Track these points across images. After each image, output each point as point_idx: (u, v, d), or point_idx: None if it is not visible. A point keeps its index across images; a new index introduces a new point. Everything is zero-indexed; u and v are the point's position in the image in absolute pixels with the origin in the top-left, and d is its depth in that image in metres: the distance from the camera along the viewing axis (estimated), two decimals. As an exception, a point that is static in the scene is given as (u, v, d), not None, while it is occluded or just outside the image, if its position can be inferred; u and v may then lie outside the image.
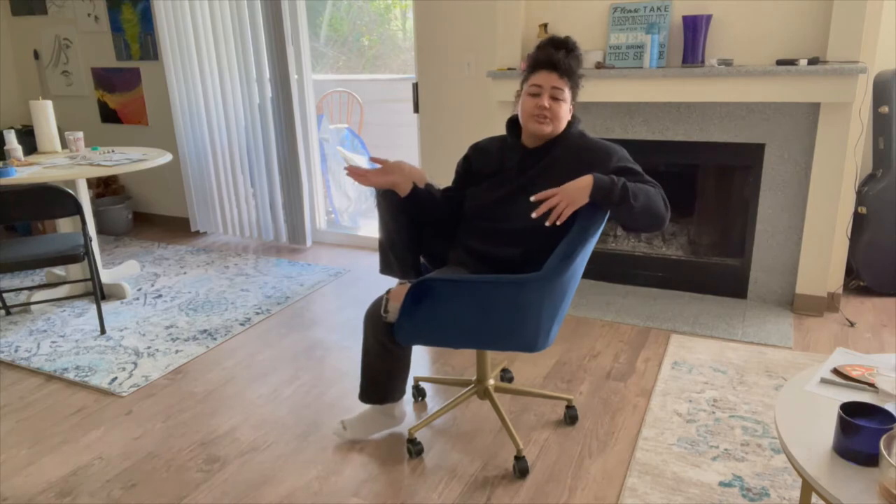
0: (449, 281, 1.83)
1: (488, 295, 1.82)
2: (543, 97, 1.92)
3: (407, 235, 2.08)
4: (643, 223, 1.86)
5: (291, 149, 4.14)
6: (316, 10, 6.41)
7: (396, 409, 2.22)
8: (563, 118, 1.96)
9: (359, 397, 2.17)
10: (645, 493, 1.91)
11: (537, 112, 1.93)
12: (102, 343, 3.01)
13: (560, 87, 1.92)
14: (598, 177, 1.82)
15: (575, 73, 1.95)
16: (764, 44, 2.95)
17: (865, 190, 3.19)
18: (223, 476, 2.07)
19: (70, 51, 4.83)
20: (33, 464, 2.16)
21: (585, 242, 1.86)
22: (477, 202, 2.05)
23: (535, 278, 1.80)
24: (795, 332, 2.93)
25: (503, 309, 1.83)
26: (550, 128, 1.95)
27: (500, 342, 1.90)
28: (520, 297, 1.81)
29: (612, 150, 1.96)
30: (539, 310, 1.83)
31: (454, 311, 1.86)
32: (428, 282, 1.84)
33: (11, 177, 3.04)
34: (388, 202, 2.07)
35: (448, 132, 3.77)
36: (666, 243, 3.52)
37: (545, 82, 1.92)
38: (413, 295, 1.85)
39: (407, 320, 1.89)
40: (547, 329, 1.90)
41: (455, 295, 1.84)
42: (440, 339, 1.92)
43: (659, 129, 3.23)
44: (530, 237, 1.96)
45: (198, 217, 4.66)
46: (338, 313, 3.30)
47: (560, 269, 1.82)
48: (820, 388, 1.55)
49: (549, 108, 1.92)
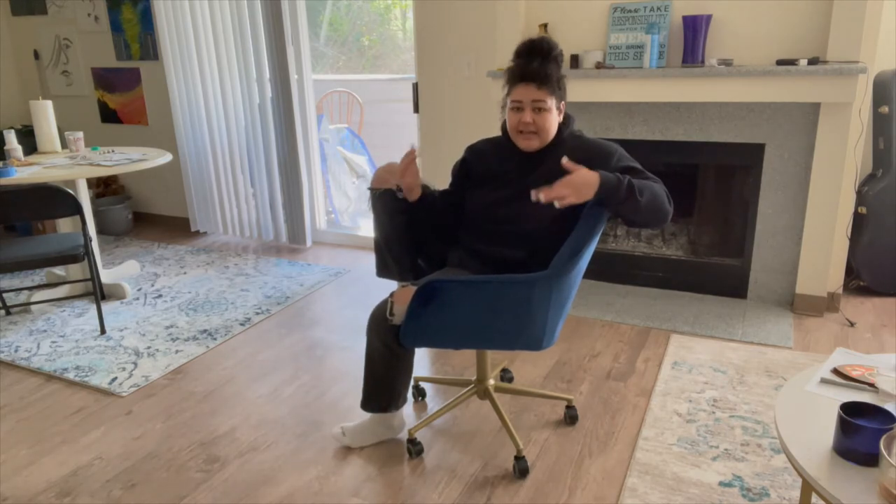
0: (458, 282, 1.82)
1: (497, 295, 1.82)
2: (526, 112, 1.91)
3: (404, 237, 2.08)
4: (648, 219, 1.84)
5: (291, 149, 4.14)
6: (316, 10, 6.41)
7: (396, 420, 2.20)
8: (551, 128, 1.94)
9: (361, 406, 2.14)
10: (645, 493, 1.91)
11: (522, 128, 1.92)
12: (102, 343, 3.01)
13: (541, 99, 1.89)
14: (604, 175, 1.79)
15: (554, 78, 1.91)
16: (764, 44, 2.95)
17: (865, 190, 3.19)
18: (223, 476, 2.07)
19: (70, 51, 4.83)
20: (33, 464, 2.16)
21: (592, 239, 1.87)
22: (480, 205, 2.05)
23: (545, 277, 1.80)
24: (795, 332, 2.93)
25: (512, 308, 1.83)
26: (538, 142, 1.94)
27: (507, 342, 1.89)
28: (529, 295, 1.81)
29: (612, 149, 1.95)
30: (546, 308, 1.84)
31: (462, 312, 1.85)
32: (436, 283, 1.82)
33: (11, 177, 3.04)
34: (384, 204, 2.06)
35: (448, 132, 3.77)
36: (666, 243, 3.52)
37: (525, 97, 1.90)
38: (420, 297, 1.84)
39: (414, 322, 1.88)
40: (553, 327, 1.91)
41: (464, 296, 1.83)
42: (447, 340, 1.92)
43: (659, 129, 3.23)
44: (537, 238, 1.96)
45: (198, 217, 4.66)
46: (338, 313, 3.30)
47: (568, 266, 1.83)
48: (820, 388, 1.55)
49: (534, 122, 1.91)
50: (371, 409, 2.13)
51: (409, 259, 2.10)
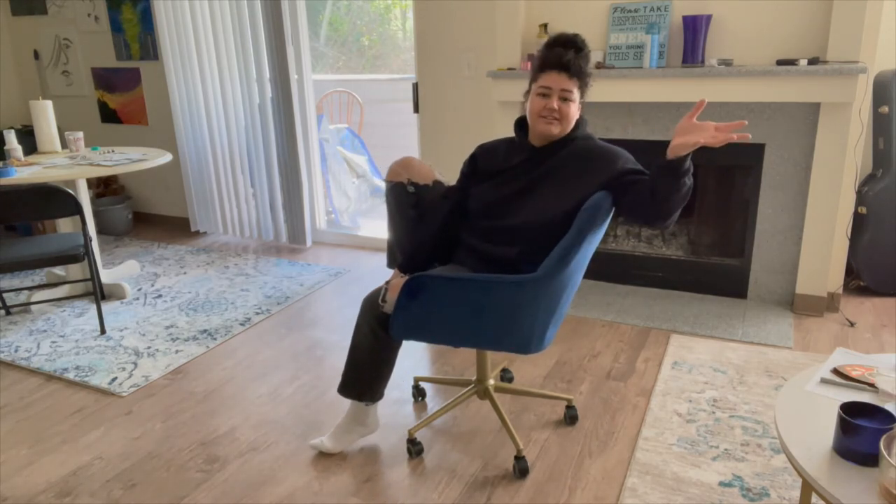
0: (442, 278, 1.84)
1: (481, 294, 1.82)
2: (553, 99, 1.91)
3: (415, 231, 2.08)
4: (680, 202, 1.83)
5: (291, 149, 4.14)
6: (316, 10, 6.41)
7: (370, 417, 2.18)
8: (572, 119, 1.95)
9: (338, 390, 2.12)
10: (645, 493, 1.91)
11: (546, 113, 1.92)
12: (102, 343, 3.01)
13: (569, 89, 1.91)
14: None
15: (585, 73, 1.93)
16: (764, 44, 2.95)
17: (865, 190, 3.19)
18: (223, 476, 2.07)
19: (70, 51, 4.83)
20: (33, 464, 2.16)
21: (581, 244, 1.84)
22: (480, 201, 2.05)
23: (530, 279, 1.80)
24: (795, 332, 2.93)
25: (496, 309, 1.83)
26: (559, 128, 1.94)
27: (492, 342, 1.90)
28: (513, 297, 1.81)
29: (618, 154, 1.95)
30: (533, 311, 1.83)
31: (447, 308, 1.86)
32: (422, 277, 1.85)
33: (11, 177, 3.04)
34: (395, 197, 2.08)
35: (448, 132, 3.77)
36: (666, 243, 3.52)
37: (555, 84, 1.91)
38: (407, 289, 1.86)
39: (402, 314, 1.90)
40: (541, 332, 1.89)
41: (448, 292, 1.84)
42: (434, 335, 1.93)
43: (659, 129, 3.23)
44: (528, 236, 1.95)
45: (198, 217, 4.66)
46: (338, 313, 3.30)
47: (555, 270, 1.80)
48: (820, 388, 1.55)
49: (559, 110, 1.91)
50: (347, 395, 2.10)
51: (421, 254, 2.11)
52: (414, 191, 2.06)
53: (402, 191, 2.06)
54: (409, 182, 2.05)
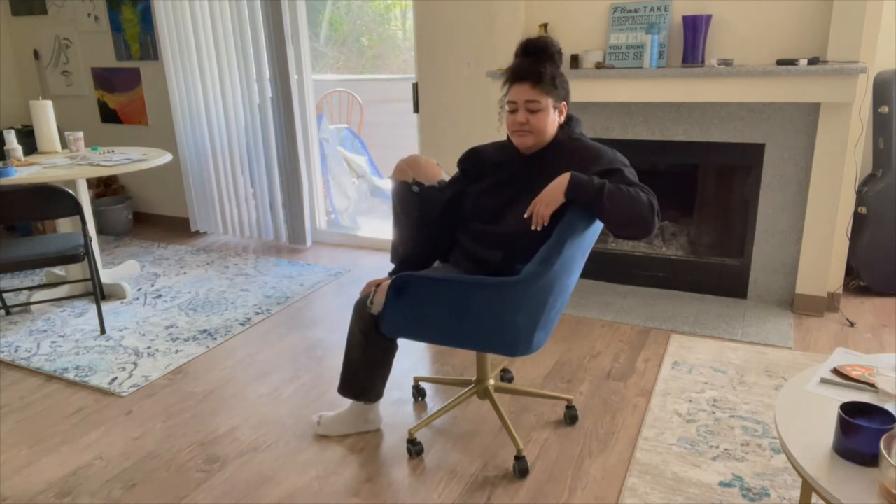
0: (425, 278, 1.87)
1: (463, 295, 1.84)
2: (520, 113, 1.91)
3: (416, 232, 2.09)
4: (622, 226, 1.78)
5: (291, 149, 4.14)
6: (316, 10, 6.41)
7: (372, 413, 2.22)
8: (547, 128, 1.93)
9: (338, 389, 2.19)
10: (645, 493, 1.91)
11: (516, 128, 1.93)
12: (102, 343, 3.01)
13: (534, 99, 1.88)
14: (575, 174, 1.79)
15: (548, 77, 1.89)
16: (764, 44, 2.95)
17: (865, 190, 3.19)
18: (223, 476, 2.07)
19: (70, 51, 4.83)
20: (33, 464, 2.16)
21: (563, 248, 1.81)
22: (474, 205, 2.06)
23: (509, 283, 1.80)
24: (795, 332, 2.93)
25: (479, 311, 1.84)
26: (532, 140, 1.93)
27: (478, 343, 1.91)
28: (493, 300, 1.81)
29: (602, 153, 1.92)
30: (516, 314, 1.82)
31: (430, 308, 1.88)
32: (406, 277, 1.88)
33: (11, 177, 3.04)
34: (399, 197, 2.08)
35: (448, 132, 3.77)
36: (666, 243, 3.52)
37: (519, 97, 1.90)
38: (393, 288, 1.89)
39: (390, 312, 1.93)
40: (528, 335, 1.87)
41: (431, 293, 1.87)
42: (422, 334, 1.95)
43: (659, 129, 3.23)
44: (516, 241, 1.95)
45: (198, 217, 4.66)
46: (338, 313, 3.30)
47: (537, 274, 1.80)
48: (820, 388, 1.55)
49: (528, 122, 1.90)
50: (345, 394, 2.17)
51: (421, 254, 2.11)
52: (418, 191, 2.06)
53: (407, 190, 2.06)
54: (413, 182, 2.05)
